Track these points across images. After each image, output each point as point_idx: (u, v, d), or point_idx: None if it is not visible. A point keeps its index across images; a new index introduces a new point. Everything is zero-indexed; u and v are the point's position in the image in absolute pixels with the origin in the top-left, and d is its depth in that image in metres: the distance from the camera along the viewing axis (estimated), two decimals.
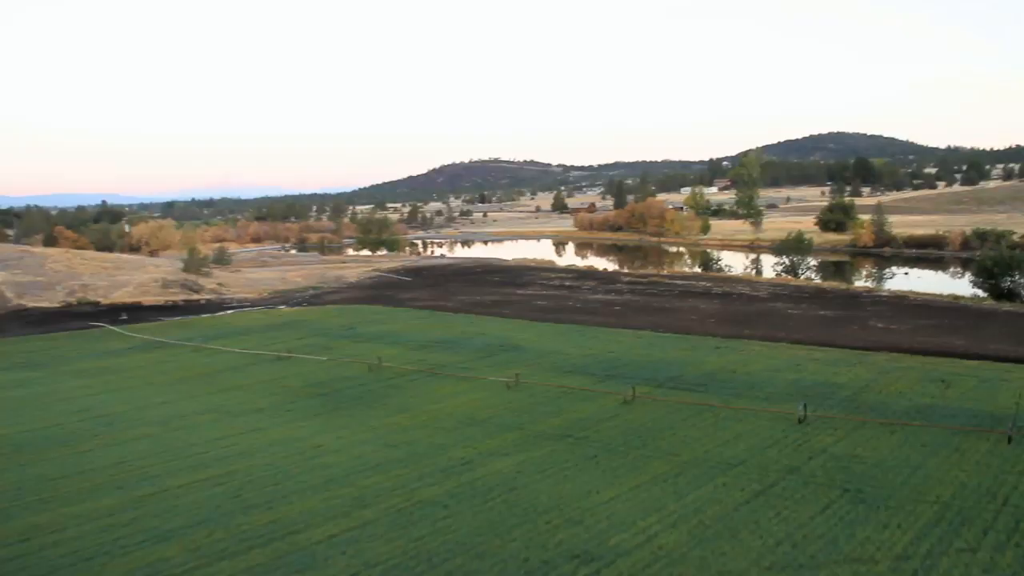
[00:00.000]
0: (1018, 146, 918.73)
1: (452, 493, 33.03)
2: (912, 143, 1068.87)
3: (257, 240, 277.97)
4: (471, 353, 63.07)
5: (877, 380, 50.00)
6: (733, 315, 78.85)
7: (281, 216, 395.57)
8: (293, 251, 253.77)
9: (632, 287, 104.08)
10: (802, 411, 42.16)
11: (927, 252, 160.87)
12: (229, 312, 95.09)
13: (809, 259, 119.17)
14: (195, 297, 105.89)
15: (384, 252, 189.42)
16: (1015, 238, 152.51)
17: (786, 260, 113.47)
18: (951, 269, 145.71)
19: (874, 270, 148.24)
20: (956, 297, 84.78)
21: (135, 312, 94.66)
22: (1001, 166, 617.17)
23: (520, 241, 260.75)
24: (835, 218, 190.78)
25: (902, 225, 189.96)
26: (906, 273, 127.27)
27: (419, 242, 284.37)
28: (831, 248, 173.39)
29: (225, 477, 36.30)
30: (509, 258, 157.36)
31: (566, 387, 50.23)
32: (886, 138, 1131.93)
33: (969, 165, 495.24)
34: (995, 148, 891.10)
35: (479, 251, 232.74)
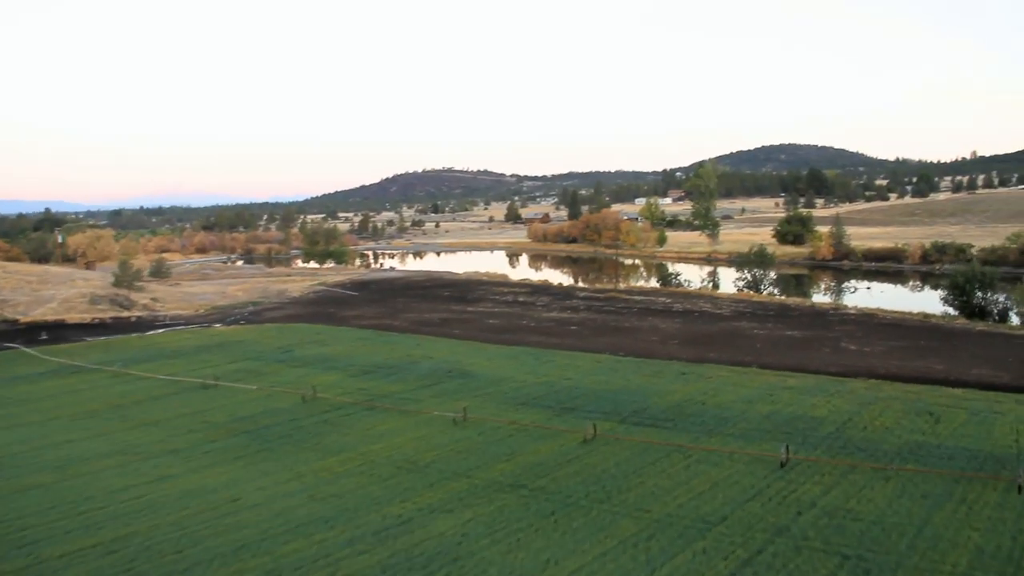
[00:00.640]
0: (964, 159, 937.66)
1: (385, 565, 27.88)
2: (862, 155, 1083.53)
3: (202, 250, 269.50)
4: (416, 381, 57.80)
5: (859, 413, 45.64)
6: (696, 335, 74.43)
7: (229, 225, 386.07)
8: (239, 262, 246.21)
9: (589, 304, 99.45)
10: (784, 453, 37.64)
11: (886, 265, 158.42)
12: (160, 331, 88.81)
13: (770, 272, 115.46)
14: (125, 314, 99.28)
15: (332, 264, 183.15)
16: (974, 251, 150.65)
17: (748, 275, 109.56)
18: (911, 283, 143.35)
19: (834, 283, 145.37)
20: (926, 315, 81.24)
21: (57, 331, 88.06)
22: (949, 178, 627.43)
23: (473, 252, 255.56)
24: (793, 230, 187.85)
25: (857, 237, 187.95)
26: (868, 288, 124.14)
27: (369, 253, 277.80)
28: (790, 261, 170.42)
29: (119, 542, 30.84)
30: (460, 271, 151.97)
31: (519, 423, 45.18)
32: (836, 149, 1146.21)
33: (919, 177, 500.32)
34: (942, 161, 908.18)
35: (430, 263, 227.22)
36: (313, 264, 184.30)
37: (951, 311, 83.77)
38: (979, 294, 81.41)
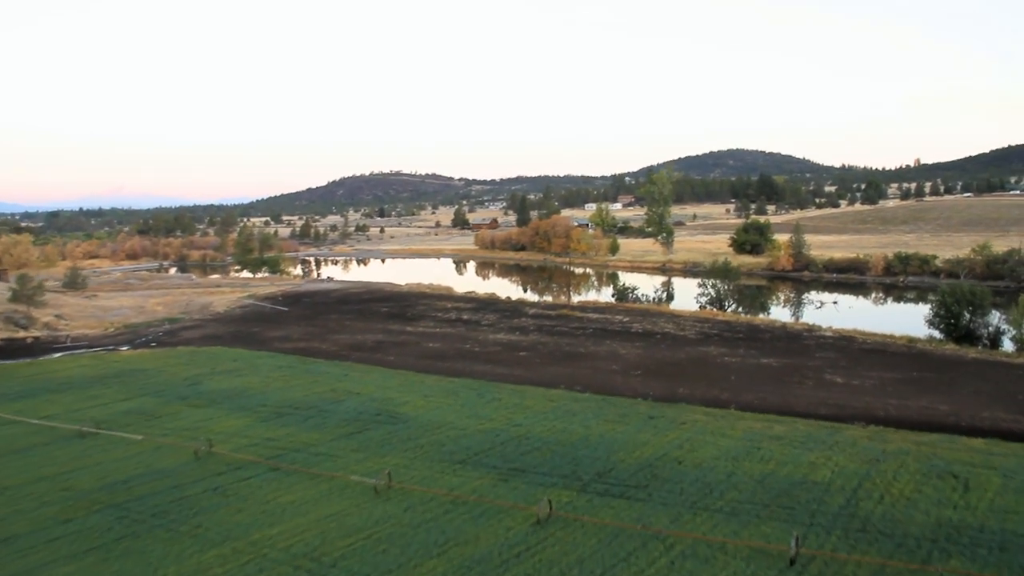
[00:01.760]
0: (908, 166, 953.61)
1: None
2: (809, 161, 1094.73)
3: (133, 257, 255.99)
4: (336, 427, 48.60)
5: (870, 475, 37.55)
6: (661, 364, 66.13)
7: (166, 229, 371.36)
8: (173, 270, 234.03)
9: (539, 323, 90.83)
10: (793, 547, 29.31)
11: (848, 276, 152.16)
12: (56, 356, 78.31)
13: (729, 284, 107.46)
14: (21, 335, 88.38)
15: (266, 273, 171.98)
16: (938, 263, 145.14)
17: (711, 291, 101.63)
18: (874, 295, 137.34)
19: (795, 295, 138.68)
20: (911, 340, 73.77)
21: None
22: (895, 185, 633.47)
23: (417, 260, 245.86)
24: (750, 239, 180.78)
25: (813, 245, 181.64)
26: (835, 303, 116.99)
27: (311, 260, 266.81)
28: (747, 271, 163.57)
29: None
30: (402, 282, 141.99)
31: (456, 495, 36.25)
32: (783, 155, 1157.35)
33: (868, 184, 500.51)
34: (887, 168, 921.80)
35: (372, 271, 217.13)
36: (247, 273, 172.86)
37: (937, 334, 76.44)
38: (968, 316, 74.11)
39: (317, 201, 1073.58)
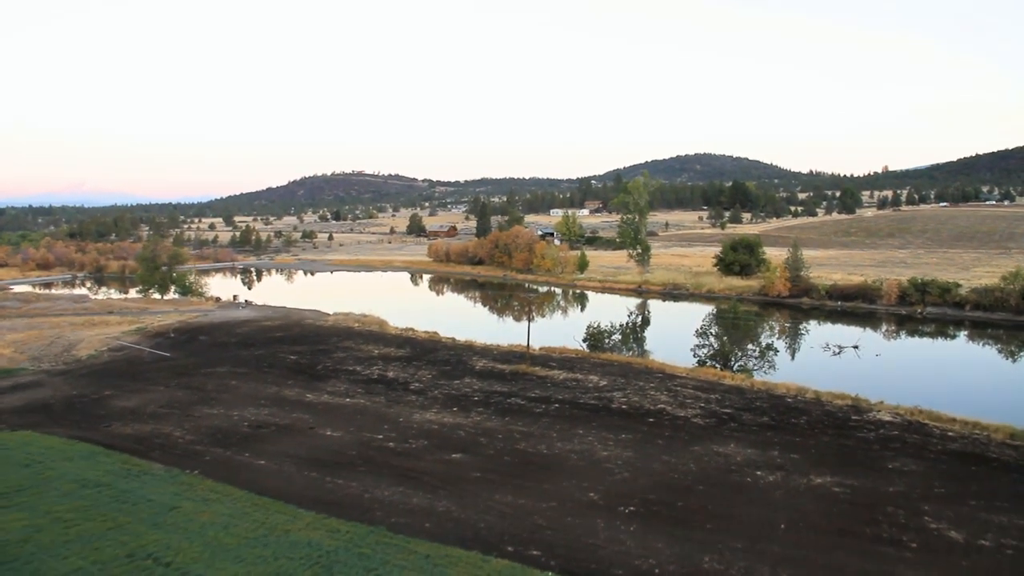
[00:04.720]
0: (876, 173, 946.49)
1: None
2: (776, 166, 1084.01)
3: (45, 267, 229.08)
4: None
5: None
6: (664, 488, 43.43)
7: (98, 233, 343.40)
8: (88, 284, 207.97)
9: (487, 387, 68.04)
10: None
11: (855, 305, 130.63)
12: None
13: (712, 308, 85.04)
14: None
15: (175, 295, 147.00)
16: (962, 292, 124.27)
17: (713, 342, 79.19)
18: (885, 327, 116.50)
19: (795, 327, 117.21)
20: (1013, 434, 51.83)
21: None
22: (868, 193, 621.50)
23: (364, 273, 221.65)
24: (739, 259, 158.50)
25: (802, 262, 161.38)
26: (856, 347, 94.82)
27: (252, 270, 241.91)
28: (737, 296, 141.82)
29: None
30: (330, 311, 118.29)
31: None
32: (751, 160, 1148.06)
33: (843, 192, 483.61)
34: (855, 174, 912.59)
35: (305, 291, 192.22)
36: (156, 294, 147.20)
37: None
38: None
39: (277, 201, 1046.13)
